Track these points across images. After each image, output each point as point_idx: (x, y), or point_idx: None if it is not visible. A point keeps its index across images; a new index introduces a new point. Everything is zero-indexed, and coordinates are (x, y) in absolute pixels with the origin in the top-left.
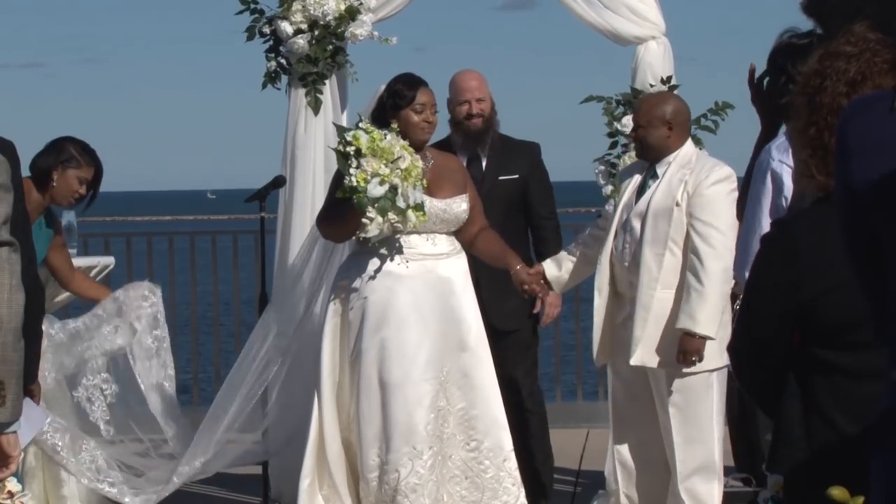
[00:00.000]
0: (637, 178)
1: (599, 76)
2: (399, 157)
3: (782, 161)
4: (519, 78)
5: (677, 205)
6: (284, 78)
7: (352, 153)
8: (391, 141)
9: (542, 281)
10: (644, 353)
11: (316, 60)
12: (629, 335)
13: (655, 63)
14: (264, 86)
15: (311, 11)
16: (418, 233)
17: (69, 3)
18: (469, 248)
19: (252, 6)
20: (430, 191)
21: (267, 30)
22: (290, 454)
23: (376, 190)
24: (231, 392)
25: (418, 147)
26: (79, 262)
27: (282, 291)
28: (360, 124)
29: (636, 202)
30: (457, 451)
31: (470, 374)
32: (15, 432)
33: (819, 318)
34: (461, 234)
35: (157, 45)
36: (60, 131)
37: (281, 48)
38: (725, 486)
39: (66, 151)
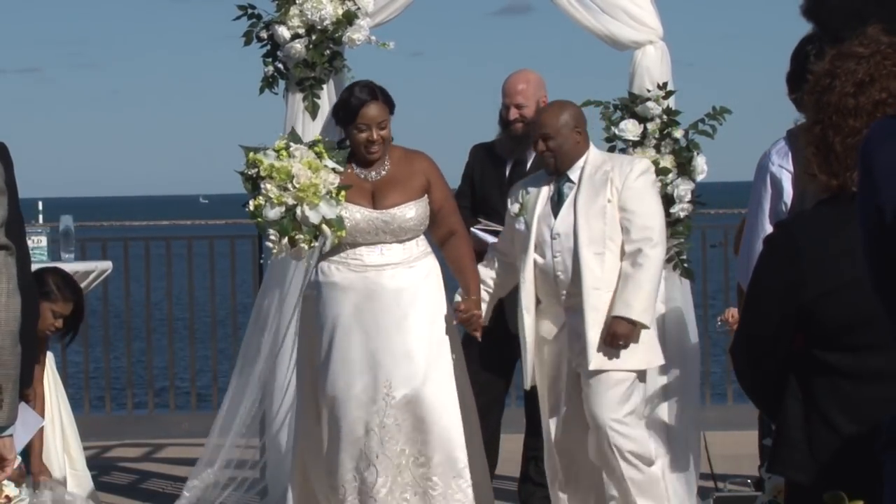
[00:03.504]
0: (545, 190)
1: (597, 81)
2: (293, 177)
3: (782, 166)
4: None
5: (609, 201)
6: (282, 83)
7: (254, 176)
8: (299, 156)
9: (477, 311)
10: (602, 358)
11: (313, 65)
12: (579, 341)
13: (653, 67)
14: (262, 90)
15: (309, 16)
16: (367, 244)
17: (66, 8)
18: (440, 249)
19: (249, 11)
20: (374, 200)
21: (264, 34)
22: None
23: (271, 213)
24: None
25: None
26: (76, 266)
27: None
28: (279, 142)
29: (556, 210)
30: (406, 466)
31: (418, 389)
32: (11, 436)
33: (820, 319)
34: (431, 234)
35: (154, 50)
36: (57, 136)
37: (278, 53)
38: (722, 490)
39: (45, 283)
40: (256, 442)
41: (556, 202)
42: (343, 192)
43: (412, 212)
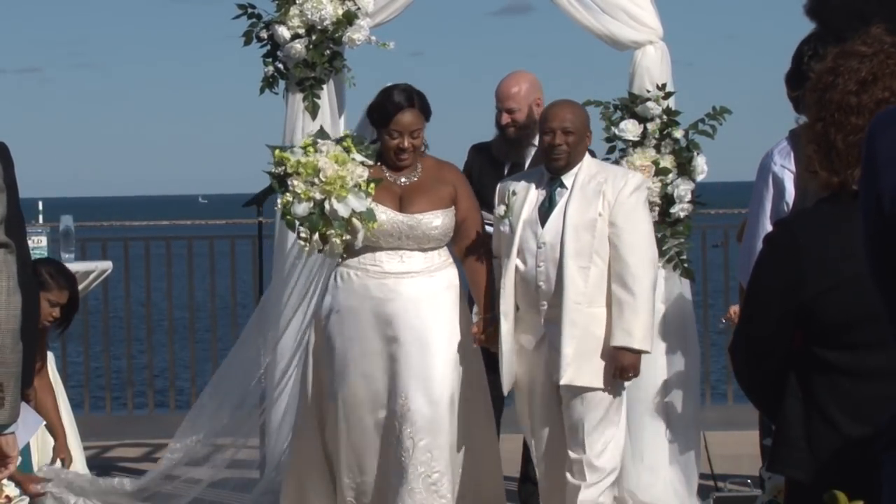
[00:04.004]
0: (534, 193)
1: (597, 81)
2: (319, 171)
3: (784, 166)
4: None
5: (600, 215)
6: (282, 83)
7: (282, 174)
8: (326, 151)
9: (489, 328)
10: (575, 373)
11: (313, 65)
12: (556, 354)
13: (653, 67)
14: (262, 91)
15: (309, 16)
16: (386, 249)
17: (66, 8)
18: (461, 262)
19: (249, 11)
20: (401, 205)
21: (264, 34)
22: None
23: (298, 209)
24: (218, 394)
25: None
26: (76, 266)
27: (272, 297)
28: (306, 139)
29: (544, 217)
30: (415, 480)
31: (434, 407)
32: (13, 433)
33: (819, 317)
34: (454, 246)
35: (154, 50)
36: (57, 136)
37: (278, 53)
38: (722, 490)
39: (38, 274)
40: (256, 442)
41: (547, 208)
42: (373, 185)
43: (438, 220)
